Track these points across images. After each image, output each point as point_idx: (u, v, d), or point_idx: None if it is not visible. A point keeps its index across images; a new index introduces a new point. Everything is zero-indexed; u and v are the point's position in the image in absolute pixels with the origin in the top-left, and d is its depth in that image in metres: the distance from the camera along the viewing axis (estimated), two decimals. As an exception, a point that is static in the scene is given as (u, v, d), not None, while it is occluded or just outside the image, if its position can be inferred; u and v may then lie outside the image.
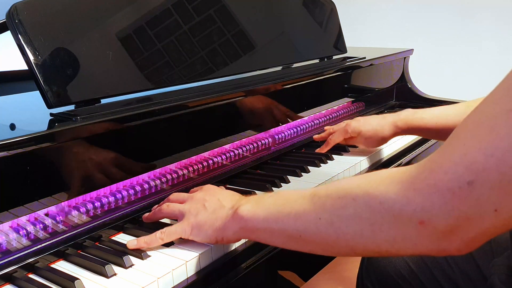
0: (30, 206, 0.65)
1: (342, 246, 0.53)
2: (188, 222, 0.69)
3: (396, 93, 1.60)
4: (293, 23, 1.23)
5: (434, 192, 0.44)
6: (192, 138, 0.88)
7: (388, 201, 0.47)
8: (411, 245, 0.48)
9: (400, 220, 0.47)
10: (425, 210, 0.44)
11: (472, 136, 0.43)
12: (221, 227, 0.66)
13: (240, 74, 1.04)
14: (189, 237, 0.69)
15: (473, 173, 0.41)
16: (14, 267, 0.65)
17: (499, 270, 0.69)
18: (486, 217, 0.42)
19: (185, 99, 0.84)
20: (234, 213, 0.65)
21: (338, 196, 0.53)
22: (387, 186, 0.48)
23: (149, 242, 0.69)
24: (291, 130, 1.14)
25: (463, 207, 0.42)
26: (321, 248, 0.57)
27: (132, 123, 0.75)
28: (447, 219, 0.43)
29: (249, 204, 0.64)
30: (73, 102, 0.74)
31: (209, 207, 0.69)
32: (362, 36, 2.41)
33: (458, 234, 0.44)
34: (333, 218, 0.53)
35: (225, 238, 0.67)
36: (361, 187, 0.51)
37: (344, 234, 0.52)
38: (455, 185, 0.42)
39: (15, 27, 0.71)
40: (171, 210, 0.73)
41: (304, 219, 0.56)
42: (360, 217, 0.50)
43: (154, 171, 0.83)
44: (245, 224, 0.63)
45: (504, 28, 2.16)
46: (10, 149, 0.61)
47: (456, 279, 0.82)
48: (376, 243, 0.50)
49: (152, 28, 0.88)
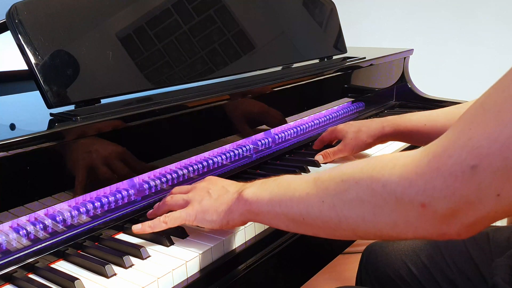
0: (30, 206, 0.65)
1: (344, 229, 0.54)
2: (192, 208, 0.69)
3: (396, 93, 1.60)
4: (293, 23, 1.23)
5: (436, 175, 0.44)
6: (192, 138, 0.88)
7: (390, 184, 0.48)
8: (412, 229, 0.48)
9: (402, 203, 0.47)
10: (426, 193, 0.45)
11: (477, 121, 0.43)
12: (226, 210, 0.67)
13: (240, 74, 1.04)
14: (193, 223, 0.69)
15: (477, 158, 0.42)
16: (14, 267, 0.65)
17: (501, 270, 0.69)
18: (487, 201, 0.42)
19: (185, 99, 0.84)
20: (239, 196, 0.66)
21: (341, 180, 0.53)
22: (390, 169, 0.48)
23: (153, 226, 0.70)
24: (291, 130, 1.14)
25: (465, 191, 0.43)
26: (324, 231, 0.57)
27: (132, 123, 0.75)
28: (448, 203, 0.44)
29: (254, 187, 0.65)
30: (73, 102, 0.74)
31: (213, 194, 0.70)
32: (362, 36, 2.40)
33: (459, 218, 0.44)
34: (336, 201, 0.53)
35: (230, 221, 0.67)
36: (364, 170, 0.51)
37: (346, 217, 0.52)
38: (458, 169, 0.43)
39: (15, 27, 0.71)
40: (175, 201, 0.73)
41: (307, 202, 0.57)
42: (363, 200, 0.50)
43: (154, 171, 0.83)
44: (249, 206, 0.64)
45: (504, 28, 2.16)
46: (10, 149, 0.61)
47: (455, 279, 0.82)
48: (378, 227, 0.50)
49: (152, 28, 0.88)
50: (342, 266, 1.52)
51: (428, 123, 0.95)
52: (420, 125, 0.96)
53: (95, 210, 0.74)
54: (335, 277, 1.10)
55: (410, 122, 0.98)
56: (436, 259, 0.85)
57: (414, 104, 1.56)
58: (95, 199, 0.75)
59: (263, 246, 0.76)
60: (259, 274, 0.75)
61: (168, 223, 0.69)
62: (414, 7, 2.34)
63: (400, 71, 1.57)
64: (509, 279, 0.67)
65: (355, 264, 1.02)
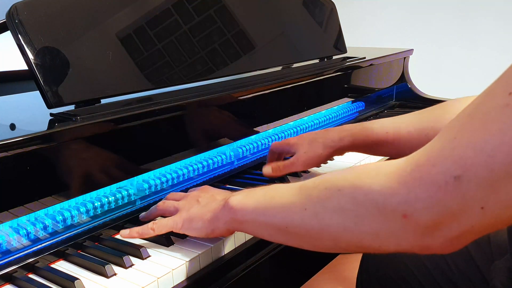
0: (30, 206, 0.65)
1: (326, 239, 0.53)
2: (180, 216, 0.69)
3: (396, 93, 1.60)
4: (293, 23, 1.23)
5: (419, 185, 0.43)
6: (192, 138, 0.88)
7: (372, 192, 0.46)
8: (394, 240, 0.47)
9: (384, 212, 0.46)
10: (408, 203, 0.43)
11: (463, 130, 0.42)
12: (211, 218, 0.66)
13: (240, 74, 1.04)
14: (180, 231, 0.69)
15: (461, 168, 0.40)
16: (14, 267, 0.65)
17: (500, 273, 0.69)
18: (471, 214, 0.41)
19: (185, 99, 0.84)
20: (225, 203, 0.65)
21: (324, 187, 0.53)
22: (373, 178, 0.47)
23: (141, 233, 0.70)
24: (291, 130, 1.14)
25: (448, 202, 0.41)
26: (306, 241, 0.56)
27: (132, 123, 0.75)
28: (430, 214, 0.42)
29: (240, 196, 0.64)
30: (73, 102, 0.74)
31: (202, 201, 0.70)
32: (362, 36, 2.41)
33: (442, 230, 0.43)
34: (318, 209, 0.52)
35: (215, 230, 0.66)
36: (348, 179, 0.50)
37: (328, 226, 0.51)
38: (441, 178, 0.41)
39: (15, 27, 0.71)
40: (166, 207, 0.73)
41: (290, 210, 0.56)
42: (344, 209, 0.49)
43: (154, 171, 0.83)
44: (234, 214, 0.63)
45: (504, 28, 2.16)
46: (10, 149, 0.61)
47: (455, 281, 0.82)
48: (360, 237, 0.49)
49: (152, 28, 0.88)
50: (342, 266, 1.51)
51: (391, 131, 0.86)
52: (382, 133, 0.87)
53: (95, 210, 0.74)
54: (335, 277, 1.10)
55: (371, 131, 0.88)
56: (437, 260, 0.85)
57: (414, 104, 1.56)
58: (95, 199, 0.75)
59: (263, 246, 0.76)
60: (260, 274, 0.75)
61: (156, 230, 0.69)
62: (414, 7, 2.34)
63: (400, 71, 1.57)
64: (508, 282, 0.67)
65: (355, 264, 1.02)
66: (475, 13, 2.22)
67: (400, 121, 0.87)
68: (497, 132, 0.39)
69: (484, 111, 0.41)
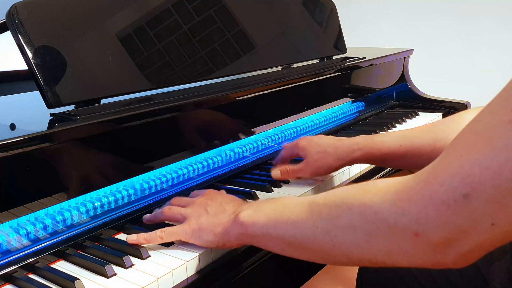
0: (30, 206, 0.65)
1: (338, 255, 0.53)
2: (189, 224, 0.69)
3: (396, 93, 1.60)
4: (293, 23, 1.23)
5: (429, 204, 0.43)
6: (192, 138, 0.88)
7: (383, 211, 0.47)
8: (407, 257, 0.47)
9: (395, 231, 0.46)
10: (419, 222, 0.44)
11: (468, 147, 0.42)
12: (222, 232, 0.66)
13: (240, 74, 1.04)
14: (189, 240, 0.69)
15: (469, 186, 0.41)
16: (14, 267, 0.65)
17: (500, 274, 0.69)
18: (482, 230, 0.41)
19: (185, 99, 0.84)
20: (235, 218, 0.65)
21: (335, 205, 0.53)
22: (382, 196, 0.48)
23: (148, 239, 0.69)
24: (291, 130, 1.14)
25: (458, 220, 0.42)
26: (319, 256, 0.57)
27: (132, 123, 0.75)
28: (441, 232, 0.43)
29: (250, 210, 0.64)
30: (73, 102, 0.74)
31: (210, 211, 0.70)
32: (362, 36, 2.41)
33: (454, 247, 0.43)
34: (330, 227, 0.53)
35: (227, 243, 0.67)
36: (357, 197, 0.51)
37: (340, 243, 0.52)
38: (450, 197, 0.42)
39: (15, 27, 0.71)
40: (173, 213, 0.73)
41: (302, 227, 0.56)
42: (356, 227, 0.50)
43: (154, 171, 0.83)
44: (245, 230, 0.63)
45: (504, 28, 2.16)
46: (10, 149, 0.61)
47: (455, 281, 0.82)
48: (372, 254, 0.50)
49: (152, 28, 0.88)
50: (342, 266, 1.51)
51: (404, 144, 0.85)
52: (395, 146, 0.86)
53: (95, 210, 0.74)
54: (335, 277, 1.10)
55: (383, 144, 0.87)
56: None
57: (414, 104, 1.56)
58: (95, 199, 0.75)
59: (263, 246, 0.76)
60: (259, 274, 0.75)
61: (164, 238, 0.69)
62: (414, 7, 2.34)
63: (400, 71, 1.57)
64: (507, 284, 0.67)
65: (355, 264, 1.02)
66: (475, 13, 2.22)
67: (412, 134, 0.87)
68: (502, 149, 0.39)
69: (488, 127, 0.41)
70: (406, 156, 0.85)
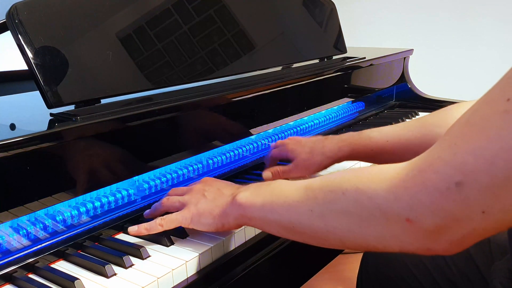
0: (30, 206, 0.65)
1: (332, 239, 0.54)
2: (188, 210, 0.70)
3: (396, 93, 1.60)
4: (293, 23, 1.23)
5: (422, 190, 0.44)
6: (192, 138, 0.88)
7: (377, 197, 0.47)
8: (398, 243, 0.48)
9: (388, 217, 0.47)
10: (412, 208, 0.44)
11: (463, 136, 0.43)
12: (221, 214, 0.67)
13: (240, 74, 1.04)
14: (189, 225, 0.70)
15: (462, 174, 0.41)
16: (14, 267, 0.65)
17: (500, 274, 0.69)
18: (473, 218, 0.42)
19: (185, 99, 0.84)
20: (233, 199, 0.66)
21: (329, 190, 0.54)
22: (377, 182, 0.48)
23: (149, 228, 0.70)
24: (291, 130, 1.14)
25: (451, 207, 0.42)
26: (313, 240, 0.58)
27: (132, 123, 0.75)
28: (433, 219, 0.43)
29: (248, 192, 0.65)
30: (73, 102, 0.74)
31: (208, 196, 0.70)
32: (362, 36, 2.41)
33: (445, 234, 0.44)
34: (324, 211, 0.54)
35: (226, 225, 0.67)
36: (352, 182, 0.51)
37: (334, 228, 0.53)
38: (443, 185, 0.42)
39: (15, 27, 0.71)
40: (171, 202, 0.73)
41: (297, 211, 0.57)
42: (349, 212, 0.50)
43: (154, 171, 0.83)
44: (243, 211, 0.64)
45: (504, 28, 2.16)
46: (10, 149, 0.61)
47: (455, 281, 0.82)
48: (365, 239, 0.50)
49: (152, 28, 0.88)
50: (342, 266, 1.52)
51: (391, 139, 0.85)
52: (382, 141, 0.86)
53: (95, 210, 0.74)
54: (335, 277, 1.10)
55: (370, 140, 0.87)
56: (437, 260, 0.85)
57: (414, 104, 1.56)
58: (95, 199, 0.75)
59: (263, 246, 0.76)
60: (259, 274, 0.75)
61: (164, 226, 0.70)
62: (414, 7, 2.34)
63: (400, 71, 1.57)
64: (508, 283, 0.67)
65: (355, 264, 1.02)
66: (475, 13, 2.22)
67: (399, 129, 0.86)
68: (496, 138, 0.40)
69: (483, 117, 0.42)
70: (393, 151, 0.85)
